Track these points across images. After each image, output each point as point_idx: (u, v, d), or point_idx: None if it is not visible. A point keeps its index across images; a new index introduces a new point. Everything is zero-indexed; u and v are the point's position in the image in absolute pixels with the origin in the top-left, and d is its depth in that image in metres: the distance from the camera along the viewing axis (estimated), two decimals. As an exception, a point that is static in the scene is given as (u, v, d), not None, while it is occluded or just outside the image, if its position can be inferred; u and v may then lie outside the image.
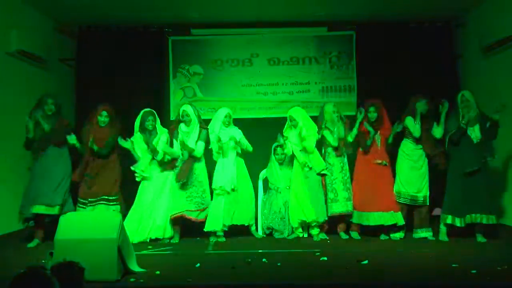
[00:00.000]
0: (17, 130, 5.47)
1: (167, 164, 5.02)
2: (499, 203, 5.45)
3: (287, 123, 5.18)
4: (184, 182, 4.82)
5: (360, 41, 6.72)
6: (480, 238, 4.60)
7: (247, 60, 6.81)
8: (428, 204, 4.85)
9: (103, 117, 4.93)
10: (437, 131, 4.81)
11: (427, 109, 4.88)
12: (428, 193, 4.85)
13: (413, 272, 3.52)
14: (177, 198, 4.86)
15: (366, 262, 3.75)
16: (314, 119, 5.21)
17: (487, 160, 4.64)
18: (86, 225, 3.43)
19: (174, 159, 4.98)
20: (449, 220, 4.65)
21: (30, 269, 2.05)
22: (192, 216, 4.83)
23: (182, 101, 6.74)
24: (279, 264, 3.78)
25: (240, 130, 5.13)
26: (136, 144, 4.94)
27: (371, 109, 4.92)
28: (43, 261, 3.33)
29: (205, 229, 4.84)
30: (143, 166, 4.93)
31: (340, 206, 4.90)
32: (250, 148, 5.04)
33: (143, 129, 4.97)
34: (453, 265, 3.63)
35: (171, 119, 6.70)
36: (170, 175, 4.99)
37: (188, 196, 4.85)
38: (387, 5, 6.10)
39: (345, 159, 5.05)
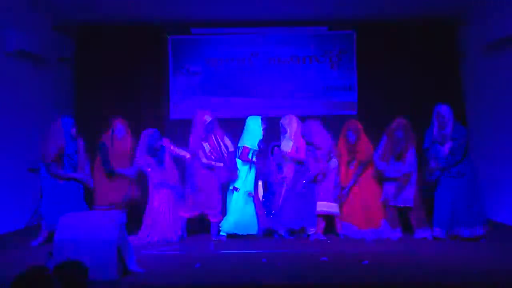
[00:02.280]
0: (16, 129, 5.48)
1: None
2: (496, 204, 5.46)
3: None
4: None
5: (361, 40, 6.71)
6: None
7: (247, 59, 6.79)
8: (411, 205, 4.74)
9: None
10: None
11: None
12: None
13: (413, 272, 3.51)
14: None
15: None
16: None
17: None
18: (86, 225, 3.43)
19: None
20: (436, 232, 4.66)
21: (31, 269, 2.05)
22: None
23: (181, 100, 6.74)
24: (279, 264, 3.78)
25: None
26: None
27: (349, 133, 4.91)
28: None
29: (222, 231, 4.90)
30: None
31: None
32: None
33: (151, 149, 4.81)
34: (454, 265, 3.63)
35: (170, 118, 6.70)
36: None
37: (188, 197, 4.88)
38: (388, 4, 6.08)
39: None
